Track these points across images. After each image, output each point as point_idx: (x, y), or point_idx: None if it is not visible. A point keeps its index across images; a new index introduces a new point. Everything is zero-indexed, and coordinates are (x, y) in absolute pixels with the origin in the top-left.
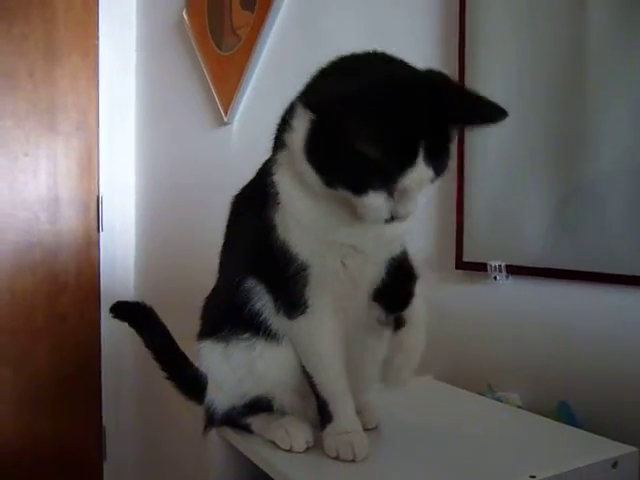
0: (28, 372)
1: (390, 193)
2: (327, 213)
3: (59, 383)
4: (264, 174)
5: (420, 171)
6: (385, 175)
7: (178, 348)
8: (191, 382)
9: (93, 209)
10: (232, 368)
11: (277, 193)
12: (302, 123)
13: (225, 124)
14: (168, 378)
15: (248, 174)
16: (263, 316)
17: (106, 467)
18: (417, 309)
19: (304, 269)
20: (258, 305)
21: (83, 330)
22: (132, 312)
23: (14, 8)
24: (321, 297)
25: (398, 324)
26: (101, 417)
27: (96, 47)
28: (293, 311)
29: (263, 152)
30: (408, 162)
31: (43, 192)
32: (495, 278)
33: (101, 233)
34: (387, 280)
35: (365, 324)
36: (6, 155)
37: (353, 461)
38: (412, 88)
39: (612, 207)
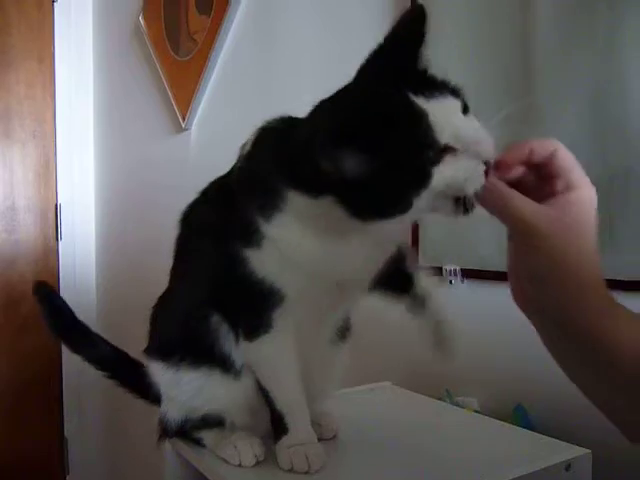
0: None
1: (428, 195)
2: (328, 253)
3: (18, 394)
4: (237, 211)
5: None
6: (409, 189)
7: (114, 347)
8: (137, 379)
9: (52, 217)
10: (183, 391)
11: (262, 238)
12: (309, 205)
13: (183, 130)
14: (110, 377)
15: (205, 179)
16: (223, 352)
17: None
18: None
19: (280, 299)
20: (220, 342)
21: (43, 340)
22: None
23: None
24: (286, 319)
25: (418, 301)
26: (63, 428)
27: (51, 53)
28: (255, 332)
29: (220, 157)
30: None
31: None
32: (450, 282)
33: (60, 242)
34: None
35: (325, 340)
36: None
37: (307, 472)
38: (370, 105)
39: None
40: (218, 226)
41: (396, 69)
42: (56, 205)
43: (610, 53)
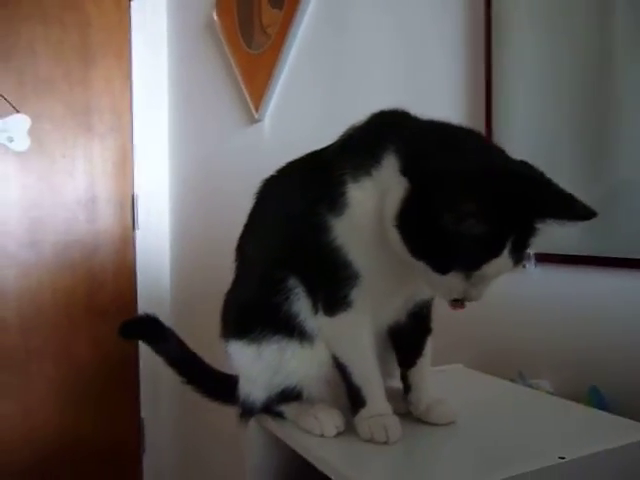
0: (68, 366)
1: (468, 276)
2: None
3: (98, 377)
4: (328, 176)
5: (502, 262)
6: (470, 261)
7: (193, 353)
8: (212, 384)
9: (128, 208)
10: (264, 367)
11: (347, 204)
12: (395, 183)
13: (256, 121)
14: (187, 383)
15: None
16: (299, 318)
17: (145, 458)
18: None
19: (355, 276)
20: (295, 307)
21: None
22: (140, 328)
23: (50, 14)
24: (363, 299)
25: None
26: (139, 409)
27: (129, 49)
28: (335, 308)
29: (293, 147)
30: (495, 253)
31: (81, 192)
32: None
33: (137, 231)
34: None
35: (391, 322)
36: (45, 157)
37: (386, 443)
38: (514, 182)
39: None
40: (302, 193)
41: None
42: (132, 196)
43: None
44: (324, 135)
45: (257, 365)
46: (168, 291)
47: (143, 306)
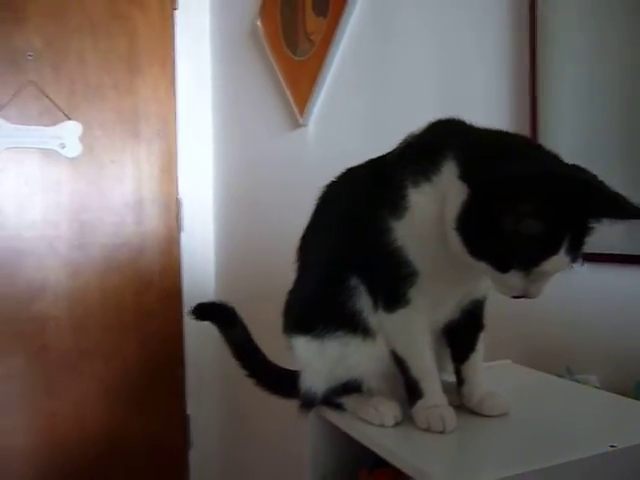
0: (117, 365)
1: (527, 273)
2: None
3: (146, 375)
4: (388, 178)
5: (560, 259)
6: (529, 259)
7: (257, 347)
8: (272, 378)
9: (174, 210)
10: (327, 360)
11: (407, 207)
12: (454, 188)
13: (300, 126)
14: (249, 376)
15: (321, 173)
16: (362, 315)
17: (192, 454)
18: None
19: (414, 274)
20: (358, 305)
21: (167, 324)
22: (213, 311)
23: (99, 25)
24: (421, 297)
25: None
26: (185, 406)
27: (173, 57)
28: (394, 305)
29: (337, 151)
30: (552, 251)
31: (128, 196)
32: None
33: (182, 233)
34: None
35: (446, 319)
36: (95, 162)
37: (442, 432)
38: (569, 185)
39: None
40: (364, 197)
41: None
42: (177, 199)
43: None
44: (367, 140)
45: (320, 359)
46: (212, 291)
47: (189, 306)
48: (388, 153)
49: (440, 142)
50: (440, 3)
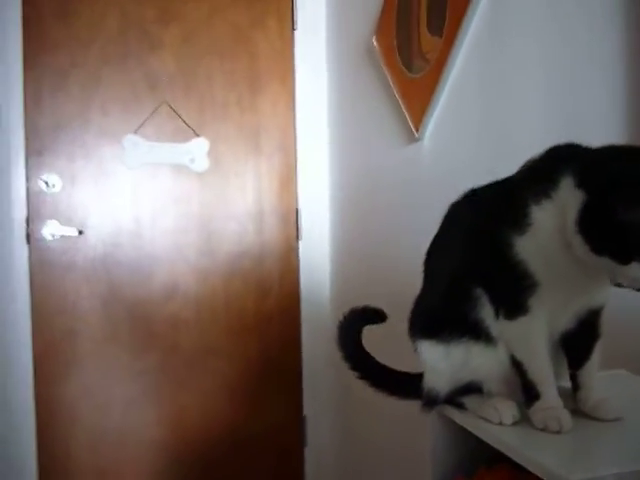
0: (240, 365)
1: None
2: (573, 262)
3: (266, 375)
4: (511, 198)
5: None
6: None
7: (366, 351)
8: (385, 379)
9: (292, 220)
10: (451, 363)
11: (529, 224)
12: (572, 197)
13: (416, 140)
14: (361, 378)
15: (436, 186)
16: (485, 323)
17: (307, 452)
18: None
19: (535, 284)
20: (482, 314)
21: (286, 328)
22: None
23: (225, 47)
24: (541, 305)
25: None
26: (302, 407)
27: (292, 75)
28: (515, 313)
29: (452, 166)
30: None
31: (250, 206)
32: None
33: (300, 242)
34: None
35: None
36: (221, 176)
37: (559, 432)
38: None
39: None
40: (488, 215)
41: None
42: (296, 209)
43: None
44: (480, 155)
45: (444, 362)
46: (328, 297)
47: (306, 312)
48: (511, 176)
49: (557, 162)
50: (554, 23)
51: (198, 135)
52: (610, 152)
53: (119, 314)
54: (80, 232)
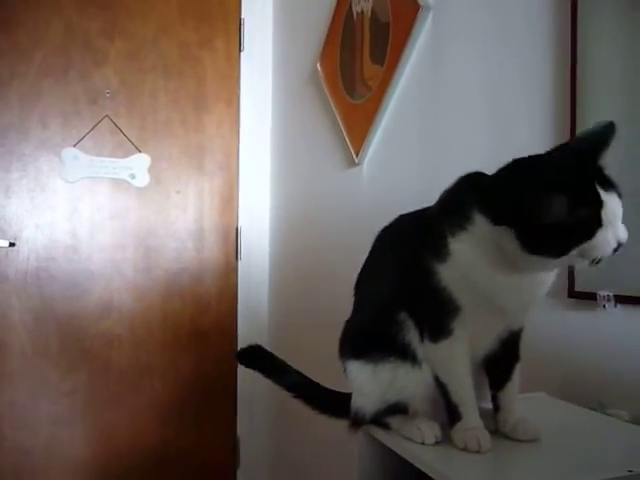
0: (174, 383)
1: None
2: (497, 282)
3: (200, 394)
4: (430, 231)
5: (609, 199)
6: (581, 233)
7: (305, 376)
8: (319, 398)
9: (232, 239)
10: (379, 383)
11: (449, 254)
12: (487, 228)
13: (355, 165)
14: (296, 397)
15: (374, 209)
16: (412, 346)
17: (239, 474)
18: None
19: (457, 309)
20: (408, 336)
21: (222, 347)
22: (254, 357)
23: (171, 66)
24: (463, 328)
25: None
26: (236, 427)
27: (238, 97)
28: (438, 336)
29: (390, 190)
30: (596, 202)
31: (190, 224)
32: (604, 306)
33: (239, 261)
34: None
35: (486, 350)
36: (161, 193)
37: (478, 452)
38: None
39: None
40: (412, 243)
41: (587, 160)
42: (236, 228)
43: None
44: (418, 181)
45: (372, 382)
46: (266, 317)
47: (242, 331)
48: (430, 206)
49: (466, 194)
50: (492, 56)
51: (140, 151)
52: (504, 172)
53: (50, 329)
54: (12, 244)
